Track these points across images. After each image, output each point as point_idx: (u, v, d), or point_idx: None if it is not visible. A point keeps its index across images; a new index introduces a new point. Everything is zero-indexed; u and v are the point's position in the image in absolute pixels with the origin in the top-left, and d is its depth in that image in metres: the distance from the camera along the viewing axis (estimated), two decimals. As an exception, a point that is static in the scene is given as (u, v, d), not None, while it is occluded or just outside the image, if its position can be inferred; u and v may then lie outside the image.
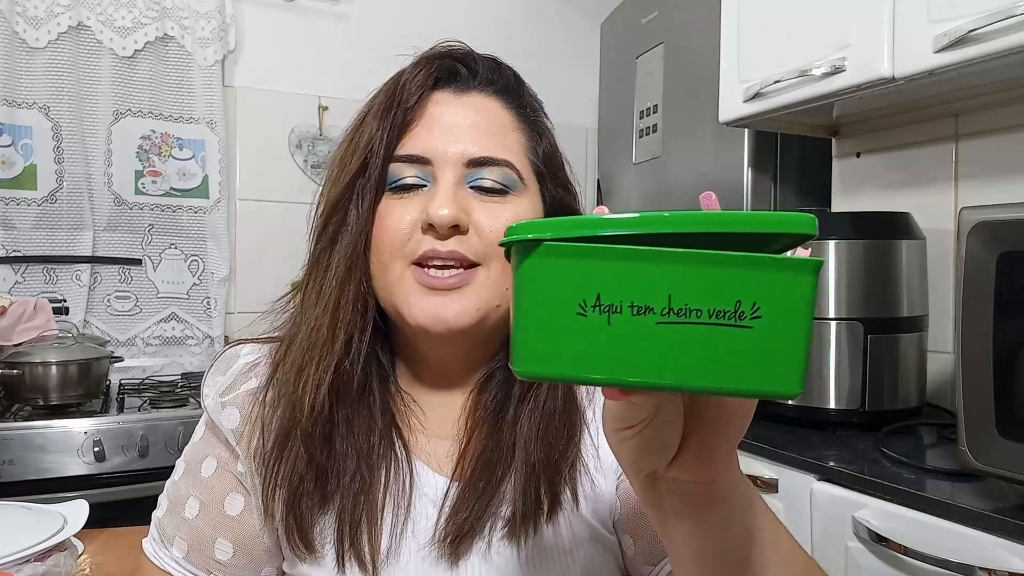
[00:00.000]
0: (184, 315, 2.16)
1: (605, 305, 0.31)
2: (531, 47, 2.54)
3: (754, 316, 0.31)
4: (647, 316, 0.31)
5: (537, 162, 0.65)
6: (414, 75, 0.63)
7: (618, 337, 0.31)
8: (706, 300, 0.31)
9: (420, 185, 0.60)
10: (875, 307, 1.30)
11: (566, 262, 0.31)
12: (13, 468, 1.49)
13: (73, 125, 2.00)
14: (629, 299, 0.31)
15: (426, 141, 0.60)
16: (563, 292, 0.32)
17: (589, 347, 0.32)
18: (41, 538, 0.74)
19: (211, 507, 0.63)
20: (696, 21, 1.82)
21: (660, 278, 0.31)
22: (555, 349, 0.32)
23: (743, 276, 0.31)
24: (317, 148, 2.31)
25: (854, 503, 1.03)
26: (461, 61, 0.64)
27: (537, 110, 0.68)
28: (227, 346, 0.69)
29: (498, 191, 0.60)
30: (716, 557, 0.43)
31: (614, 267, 0.31)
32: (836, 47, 1.29)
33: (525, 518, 0.58)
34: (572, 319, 0.32)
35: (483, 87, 0.64)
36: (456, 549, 0.58)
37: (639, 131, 2.10)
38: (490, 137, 0.61)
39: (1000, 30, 1.02)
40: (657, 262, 0.31)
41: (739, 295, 0.31)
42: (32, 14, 1.94)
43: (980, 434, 0.91)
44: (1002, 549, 0.86)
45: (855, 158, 1.67)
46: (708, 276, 0.31)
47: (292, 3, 2.26)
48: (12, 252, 1.96)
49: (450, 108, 0.62)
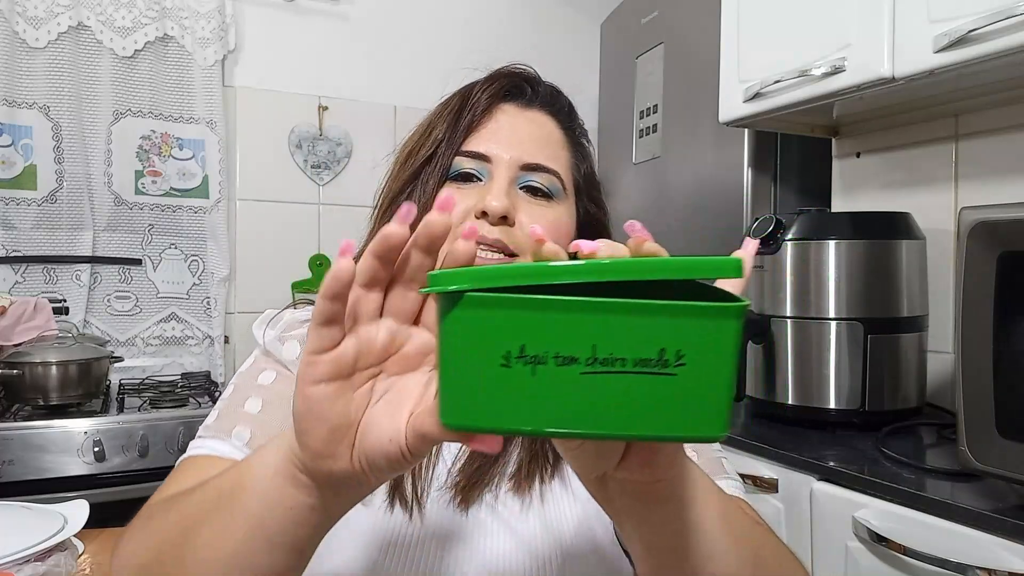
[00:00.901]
0: (184, 315, 2.16)
1: (530, 356, 0.31)
2: (531, 47, 2.54)
3: (678, 364, 0.31)
4: (572, 367, 0.31)
5: (579, 178, 0.73)
6: (486, 86, 0.71)
7: (543, 388, 0.31)
8: (630, 349, 0.31)
9: (478, 178, 0.68)
10: (875, 307, 1.30)
11: (489, 313, 0.31)
12: (13, 468, 1.49)
13: (73, 125, 2.00)
14: (553, 350, 0.31)
15: (489, 142, 0.68)
16: (487, 344, 0.31)
17: (515, 399, 0.31)
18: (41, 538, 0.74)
19: (275, 403, 0.66)
20: (696, 21, 1.82)
21: (584, 328, 0.31)
22: (481, 401, 0.32)
23: (666, 324, 0.31)
24: (317, 148, 2.31)
25: (854, 503, 1.03)
26: (528, 81, 0.74)
27: (584, 136, 0.78)
28: (275, 310, 0.75)
29: (544, 194, 0.68)
30: (665, 550, 0.45)
31: (537, 318, 0.31)
32: (836, 47, 1.29)
33: (530, 475, 0.65)
34: (497, 371, 0.31)
35: (544, 106, 0.73)
36: (466, 498, 0.64)
37: (639, 131, 2.10)
38: (544, 148, 0.70)
39: (1000, 30, 1.02)
40: (580, 312, 0.30)
41: (663, 343, 0.31)
42: (32, 14, 1.94)
43: (980, 434, 0.91)
44: (1002, 549, 0.86)
45: (855, 158, 1.67)
46: (631, 325, 0.30)
47: (292, 3, 2.26)
48: (12, 252, 1.96)
49: (513, 118, 0.71)
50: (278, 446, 0.43)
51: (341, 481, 0.40)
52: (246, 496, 0.44)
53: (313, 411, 0.38)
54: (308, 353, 0.38)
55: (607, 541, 0.66)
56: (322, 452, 0.39)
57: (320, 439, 0.39)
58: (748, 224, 1.56)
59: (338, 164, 2.33)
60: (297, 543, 0.44)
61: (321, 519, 0.43)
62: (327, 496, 0.41)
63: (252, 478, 0.44)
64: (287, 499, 0.42)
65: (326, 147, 2.32)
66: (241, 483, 0.45)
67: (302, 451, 0.40)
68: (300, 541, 0.43)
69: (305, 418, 0.39)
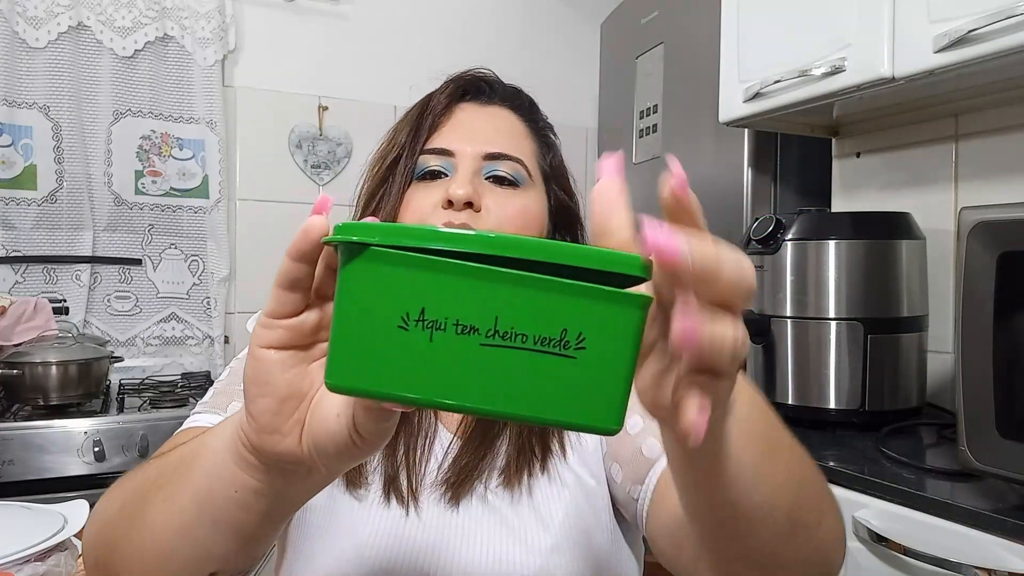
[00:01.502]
0: (184, 315, 2.16)
1: (429, 321, 0.30)
2: (531, 47, 2.54)
3: (578, 347, 0.30)
4: (471, 336, 0.30)
5: (545, 167, 0.74)
6: (444, 89, 0.74)
7: (439, 356, 0.30)
8: (532, 326, 0.30)
9: (443, 174, 0.70)
10: (875, 307, 1.30)
11: (392, 270, 0.30)
12: (13, 468, 1.49)
13: (73, 125, 2.00)
14: (455, 317, 0.30)
15: (450, 138, 0.71)
16: (386, 302, 0.30)
17: (408, 364, 0.30)
18: (41, 538, 0.74)
19: None
20: (696, 21, 1.82)
21: (489, 298, 0.30)
22: (372, 363, 0.30)
23: (571, 304, 0.30)
24: (317, 148, 2.31)
25: (854, 503, 1.03)
26: (486, 81, 0.76)
27: (549, 129, 0.79)
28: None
29: (509, 182, 0.70)
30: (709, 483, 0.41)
31: (443, 281, 0.29)
32: (836, 47, 1.29)
33: (518, 469, 0.67)
34: (393, 332, 0.30)
35: (503, 102, 0.75)
36: (456, 493, 0.66)
37: (639, 131, 2.10)
38: (505, 138, 0.71)
39: (1000, 30, 1.02)
40: (486, 280, 0.29)
41: (565, 323, 0.30)
42: (32, 14, 1.94)
43: (980, 434, 0.91)
44: (1002, 549, 0.86)
45: (855, 158, 1.67)
46: (537, 301, 0.30)
47: (292, 3, 2.26)
48: (12, 252, 1.96)
49: (474, 114, 0.73)
50: (233, 420, 0.41)
51: (288, 465, 0.38)
52: (198, 468, 0.42)
53: (261, 376, 0.36)
54: (265, 315, 0.36)
55: (597, 530, 0.67)
56: (267, 426, 0.37)
57: (267, 409, 0.36)
58: (748, 224, 1.56)
59: (338, 164, 2.33)
60: (243, 528, 0.42)
61: (268, 507, 0.41)
62: (275, 481, 0.39)
63: (207, 449, 0.42)
64: (233, 479, 0.40)
65: (326, 147, 2.32)
66: (197, 452, 0.43)
67: (248, 424, 0.37)
68: (247, 527, 0.42)
69: (253, 383, 0.37)
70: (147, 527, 0.44)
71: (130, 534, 0.46)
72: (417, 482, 0.67)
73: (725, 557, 0.45)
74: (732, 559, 0.44)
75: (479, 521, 0.65)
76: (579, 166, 2.69)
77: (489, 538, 0.65)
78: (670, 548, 0.55)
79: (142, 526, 0.45)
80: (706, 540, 0.45)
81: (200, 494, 0.42)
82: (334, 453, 0.37)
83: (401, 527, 0.65)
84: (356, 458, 0.38)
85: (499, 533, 0.65)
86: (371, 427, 0.36)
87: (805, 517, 0.44)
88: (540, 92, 0.81)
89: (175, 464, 0.45)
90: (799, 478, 0.45)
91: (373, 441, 0.36)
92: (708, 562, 0.47)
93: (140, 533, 0.45)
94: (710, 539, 0.44)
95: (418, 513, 0.65)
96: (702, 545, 0.46)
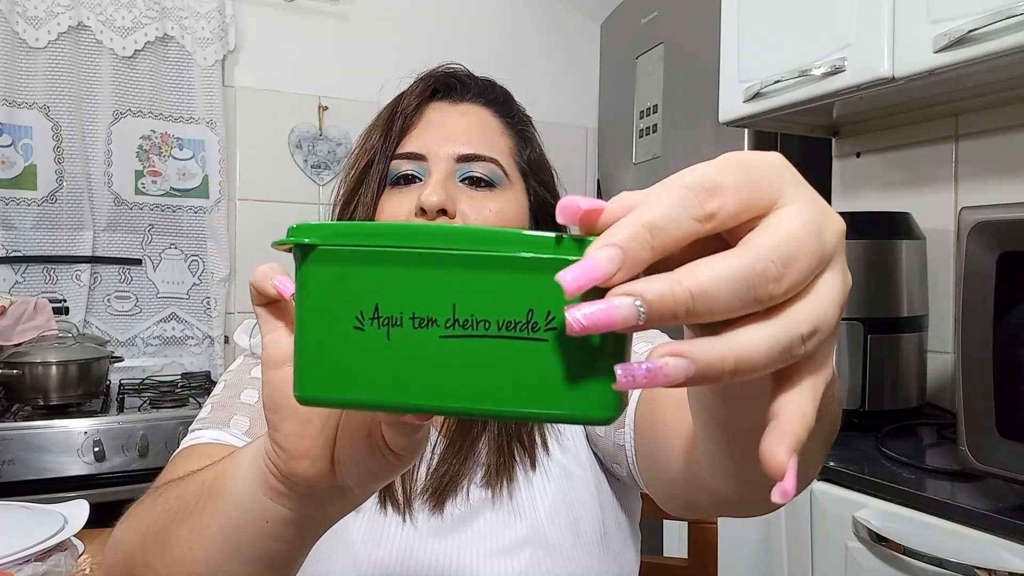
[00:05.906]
0: (184, 315, 2.16)
1: (384, 317, 0.28)
2: (531, 47, 2.54)
3: (548, 327, 0.27)
4: (430, 329, 0.27)
5: (523, 163, 0.72)
6: (414, 89, 0.72)
7: (399, 354, 0.28)
8: (494, 310, 0.27)
9: (417, 178, 0.67)
10: (875, 307, 1.30)
11: (341, 268, 0.28)
12: (13, 468, 1.49)
13: (73, 125, 2.00)
14: (410, 310, 0.28)
15: (422, 140, 0.68)
16: (339, 303, 0.28)
17: (370, 367, 0.28)
18: (41, 538, 0.74)
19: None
20: (696, 21, 1.82)
21: (443, 284, 0.27)
22: (334, 370, 0.29)
23: (533, 281, 0.27)
24: (317, 148, 2.31)
25: (854, 503, 1.03)
26: (455, 77, 0.73)
27: (525, 122, 0.75)
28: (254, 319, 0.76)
29: (485, 184, 0.67)
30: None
31: (392, 273, 0.28)
32: (836, 47, 1.29)
33: (499, 471, 0.66)
34: (349, 334, 0.28)
35: (475, 98, 0.72)
36: (440, 499, 0.65)
37: (639, 131, 2.10)
38: (479, 137, 0.69)
39: (1000, 30, 1.02)
40: (437, 266, 0.27)
41: (530, 303, 0.27)
42: (32, 14, 1.94)
43: (980, 434, 0.91)
44: (1001, 549, 0.86)
45: (855, 158, 1.67)
46: (496, 281, 0.27)
47: (292, 3, 2.26)
48: (12, 252, 1.96)
49: (445, 114, 0.70)
50: (256, 450, 0.39)
51: (321, 490, 0.36)
52: (223, 499, 0.41)
53: (278, 400, 0.35)
54: (271, 331, 0.35)
55: (587, 519, 0.67)
56: (295, 451, 0.35)
57: (292, 433, 0.35)
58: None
59: (338, 164, 2.33)
60: (275, 559, 0.40)
61: (300, 533, 0.39)
62: (306, 508, 0.37)
63: (231, 480, 0.41)
64: (264, 511, 0.38)
65: (326, 147, 2.32)
66: (220, 483, 0.42)
67: (276, 453, 0.36)
68: (278, 557, 0.40)
69: (272, 410, 0.35)
70: (173, 560, 0.43)
71: (153, 565, 0.44)
72: (411, 488, 0.66)
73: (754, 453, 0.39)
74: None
75: (467, 523, 0.65)
76: (579, 167, 2.70)
77: (479, 539, 0.65)
78: (668, 471, 0.50)
79: (168, 560, 0.43)
80: (734, 450, 0.37)
81: (229, 528, 0.40)
82: (368, 474, 0.35)
83: (402, 535, 0.64)
84: (392, 475, 0.36)
85: (489, 533, 0.65)
86: (402, 442, 0.34)
87: (830, 405, 0.39)
88: (540, 92, 0.80)
89: (196, 493, 0.44)
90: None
91: (407, 456, 0.35)
92: (732, 470, 0.39)
93: (166, 566, 0.43)
94: (739, 447, 0.36)
95: (414, 521, 0.65)
96: (729, 456, 0.38)
